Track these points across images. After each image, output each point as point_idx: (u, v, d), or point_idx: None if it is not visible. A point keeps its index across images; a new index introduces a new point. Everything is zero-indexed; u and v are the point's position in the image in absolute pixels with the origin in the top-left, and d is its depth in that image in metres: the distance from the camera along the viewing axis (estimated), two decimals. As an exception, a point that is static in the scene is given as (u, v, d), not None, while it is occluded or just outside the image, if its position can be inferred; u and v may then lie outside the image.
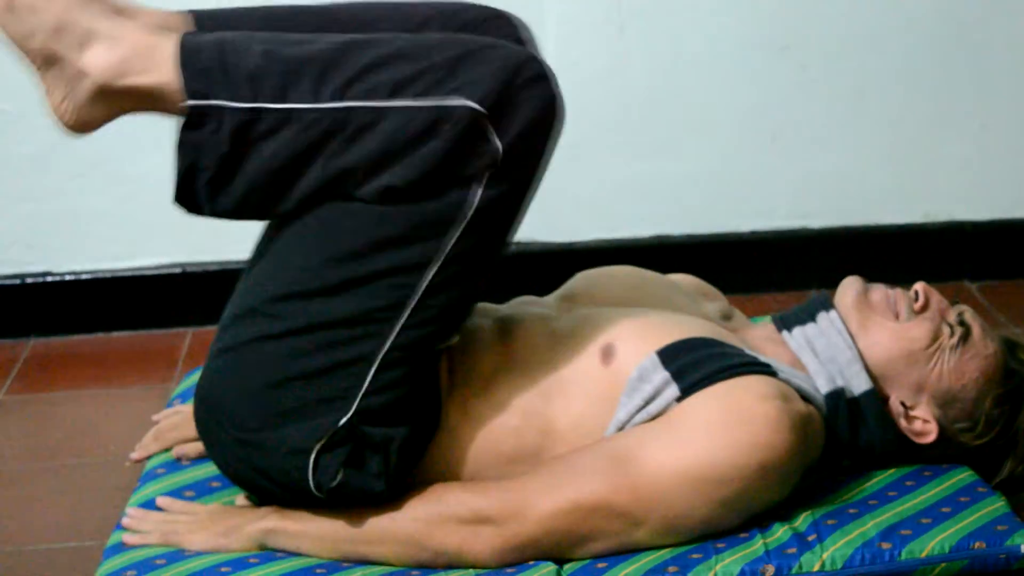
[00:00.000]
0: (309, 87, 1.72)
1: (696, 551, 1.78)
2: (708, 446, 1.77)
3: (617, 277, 2.12)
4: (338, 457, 1.78)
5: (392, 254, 1.75)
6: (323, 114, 1.72)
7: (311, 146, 1.73)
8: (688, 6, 2.70)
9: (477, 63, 1.72)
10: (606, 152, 2.75)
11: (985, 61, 2.76)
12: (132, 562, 1.84)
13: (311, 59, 1.74)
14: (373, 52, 1.74)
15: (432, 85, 1.71)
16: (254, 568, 1.81)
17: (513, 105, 1.71)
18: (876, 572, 1.75)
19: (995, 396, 1.93)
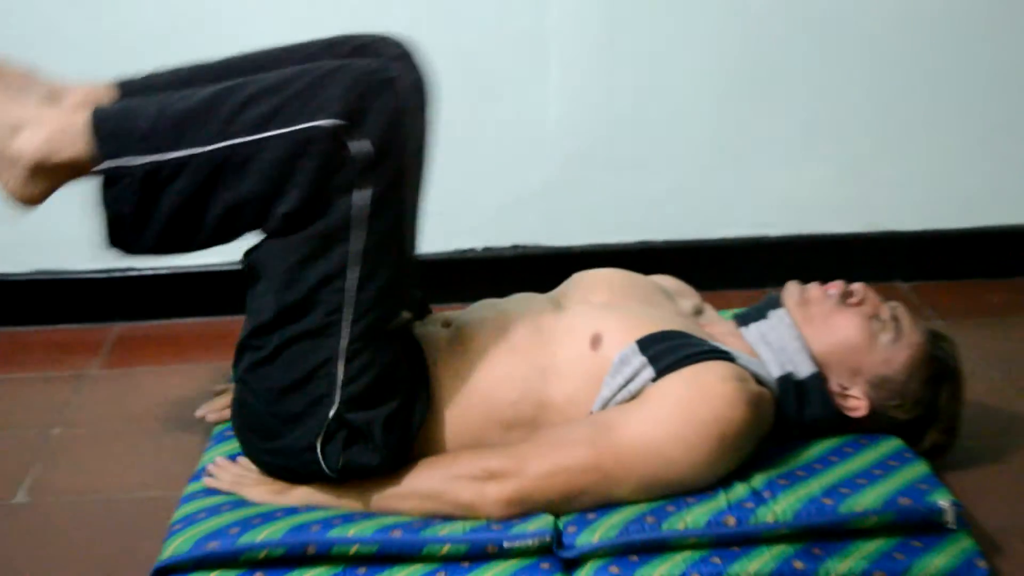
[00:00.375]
0: (195, 134, 1.73)
1: (671, 504, 1.80)
2: (677, 419, 1.79)
3: (606, 277, 2.11)
4: (337, 444, 1.80)
5: (314, 270, 1.76)
6: (210, 155, 1.73)
7: (206, 184, 1.74)
8: (669, 47, 2.69)
9: (329, 84, 1.72)
10: (599, 168, 2.74)
11: (915, 101, 2.75)
12: (203, 507, 1.86)
13: (195, 109, 1.75)
14: (244, 93, 1.74)
15: (295, 112, 1.71)
16: (303, 513, 1.83)
17: (365, 111, 1.71)
18: (820, 523, 1.76)
19: (921, 379, 1.94)
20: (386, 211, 1.75)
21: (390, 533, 1.76)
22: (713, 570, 1.73)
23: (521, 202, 2.77)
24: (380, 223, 1.74)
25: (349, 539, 1.75)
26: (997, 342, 2.54)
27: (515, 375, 1.89)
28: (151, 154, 1.72)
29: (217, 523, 1.80)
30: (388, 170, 1.73)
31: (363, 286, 1.77)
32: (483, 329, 1.94)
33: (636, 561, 1.74)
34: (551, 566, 1.74)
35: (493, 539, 1.75)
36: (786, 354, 1.94)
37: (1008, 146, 2.80)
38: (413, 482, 1.84)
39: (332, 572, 1.74)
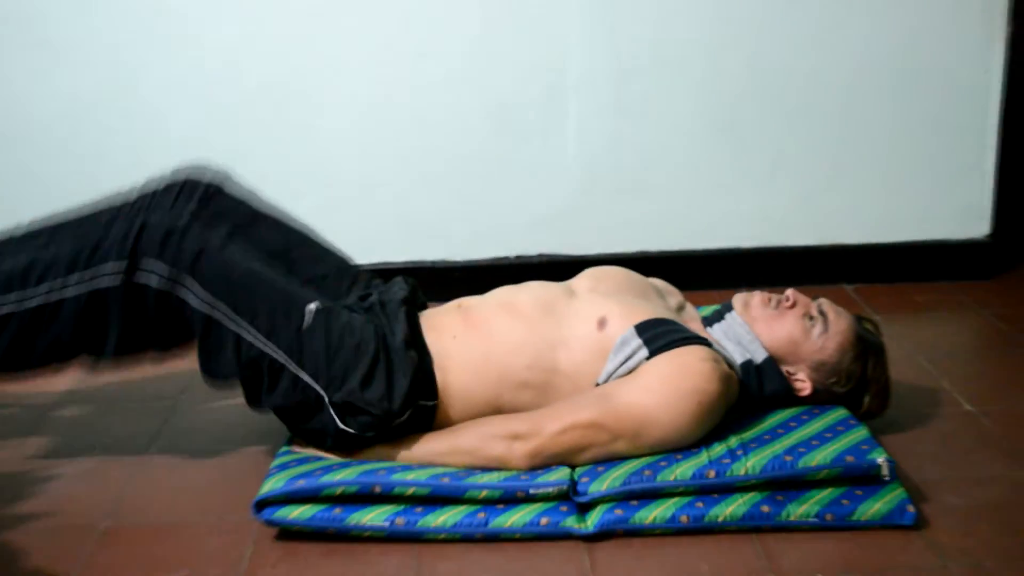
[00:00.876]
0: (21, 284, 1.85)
1: (664, 460, 1.81)
2: (664, 389, 1.80)
3: (612, 273, 2.11)
4: (351, 418, 1.84)
5: (225, 357, 1.88)
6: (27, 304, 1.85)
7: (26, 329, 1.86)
8: (663, 98, 2.70)
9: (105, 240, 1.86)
10: (607, 193, 2.75)
11: (856, 142, 2.75)
12: (295, 457, 1.88)
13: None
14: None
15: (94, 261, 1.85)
16: (372, 463, 1.84)
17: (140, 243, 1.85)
18: (782, 475, 1.76)
19: (851, 358, 1.94)
20: (220, 278, 1.84)
21: (440, 479, 1.77)
22: (698, 512, 1.73)
23: (545, 220, 2.77)
24: (225, 287, 1.84)
25: (407, 482, 1.76)
26: (922, 333, 2.53)
27: (527, 344, 1.89)
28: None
29: (305, 468, 1.82)
30: (190, 261, 1.83)
31: (257, 324, 1.83)
32: (499, 308, 1.95)
33: (636, 505, 1.75)
34: (568, 508, 1.75)
35: (521, 487, 1.76)
36: (743, 344, 1.94)
37: (929, 179, 2.79)
38: (455, 441, 1.85)
39: (395, 510, 1.75)
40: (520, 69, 2.65)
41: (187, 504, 1.89)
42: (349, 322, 1.87)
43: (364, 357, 1.83)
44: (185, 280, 1.83)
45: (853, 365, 1.94)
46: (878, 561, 1.66)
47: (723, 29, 2.66)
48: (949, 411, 2.13)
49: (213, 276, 1.83)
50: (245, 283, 1.85)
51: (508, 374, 1.88)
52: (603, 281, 2.06)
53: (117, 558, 1.74)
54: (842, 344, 1.94)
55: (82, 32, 2.58)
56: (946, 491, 1.83)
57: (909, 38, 2.68)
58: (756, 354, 1.93)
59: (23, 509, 1.87)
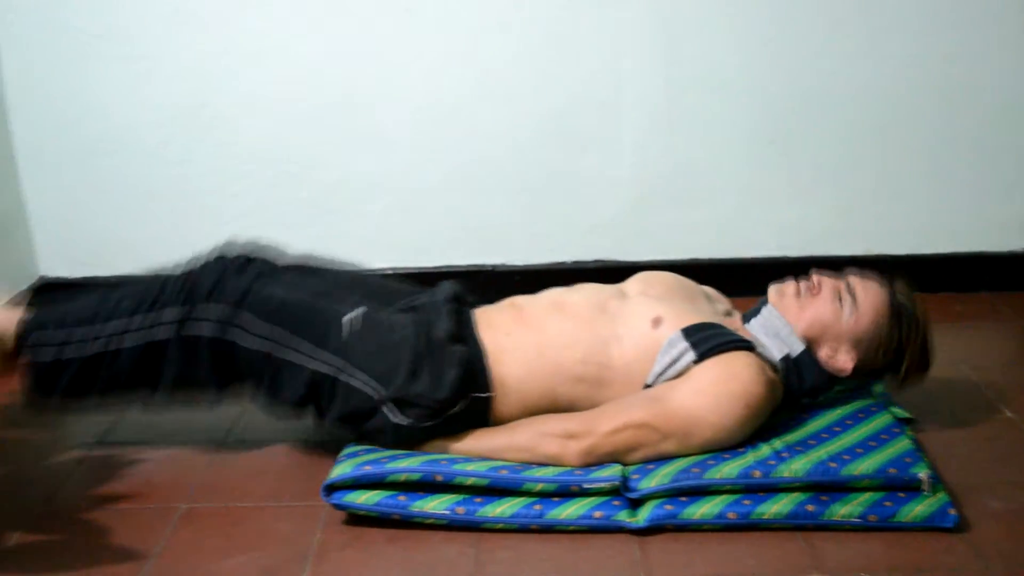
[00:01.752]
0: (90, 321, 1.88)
1: (710, 459, 1.78)
2: (713, 391, 1.77)
3: (663, 277, 2.09)
4: (405, 413, 1.81)
5: (286, 376, 1.87)
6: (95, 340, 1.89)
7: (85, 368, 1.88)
8: (712, 114, 2.66)
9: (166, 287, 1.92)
10: (659, 203, 2.72)
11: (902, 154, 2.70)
12: (362, 447, 1.86)
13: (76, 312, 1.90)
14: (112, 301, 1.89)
15: (155, 306, 1.88)
16: (449, 465, 1.81)
17: (194, 287, 1.90)
18: (824, 481, 1.72)
19: (887, 327, 1.89)
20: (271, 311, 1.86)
21: (498, 471, 1.75)
22: (744, 510, 1.69)
23: (601, 227, 2.75)
24: (277, 316, 1.85)
25: (468, 472, 1.74)
26: (963, 341, 2.46)
27: (580, 340, 1.86)
28: (58, 346, 1.87)
29: (372, 456, 1.80)
30: (241, 298, 1.85)
31: (311, 339, 1.84)
32: (551, 306, 1.93)
33: (685, 501, 1.71)
34: (620, 503, 1.72)
35: (575, 481, 1.73)
36: (780, 337, 1.89)
37: (969, 193, 2.73)
38: (512, 437, 1.82)
39: (455, 500, 1.74)
40: (578, 84, 2.64)
41: (260, 489, 1.88)
42: (390, 322, 1.86)
43: (407, 353, 1.82)
44: (238, 317, 1.85)
45: (890, 334, 1.89)
46: (921, 562, 1.61)
47: (770, 48, 2.62)
48: (990, 417, 2.06)
49: (262, 306, 1.85)
50: (293, 306, 1.86)
51: (562, 368, 1.86)
52: (654, 285, 2.03)
53: (194, 539, 1.74)
54: (875, 318, 1.88)
55: (171, 48, 2.60)
56: (988, 495, 1.78)
57: (951, 56, 2.63)
58: (794, 346, 1.88)
59: (109, 491, 1.89)
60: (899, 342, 1.90)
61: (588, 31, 2.61)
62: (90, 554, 1.71)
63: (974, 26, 2.61)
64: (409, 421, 1.81)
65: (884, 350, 1.90)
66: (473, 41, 2.61)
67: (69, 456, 2.02)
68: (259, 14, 2.59)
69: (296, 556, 1.68)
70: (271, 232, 2.73)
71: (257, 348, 1.85)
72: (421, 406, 1.80)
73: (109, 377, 1.87)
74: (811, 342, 1.90)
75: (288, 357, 1.84)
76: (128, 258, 2.76)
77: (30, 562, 1.69)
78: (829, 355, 1.90)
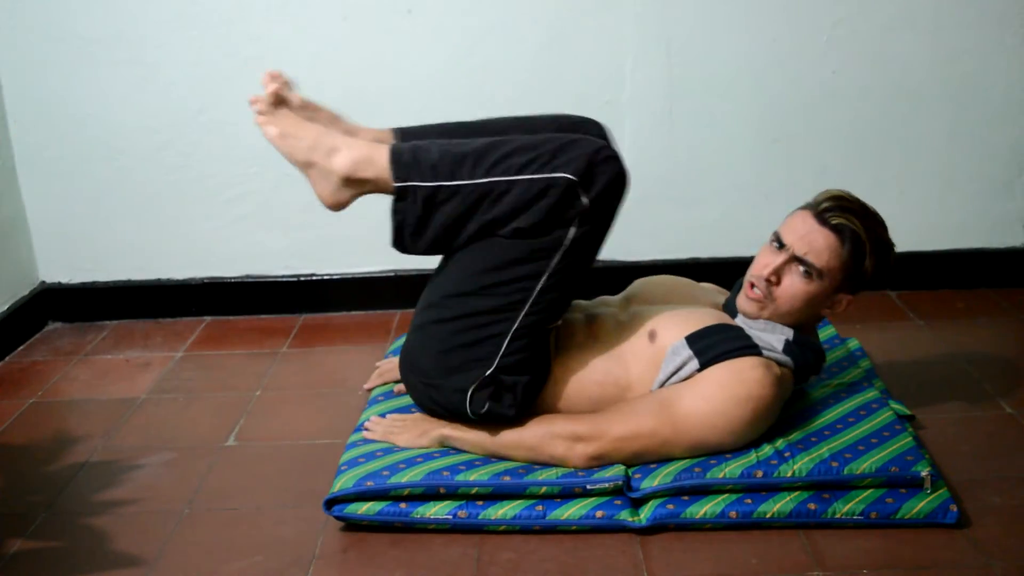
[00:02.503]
0: (468, 170, 1.75)
1: (713, 459, 1.78)
2: (721, 396, 1.76)
3: (659, 283, 2.08)
4: (484, 395, 1.79)
5: (517, 268, 1.76)
6: (477, 186, 1.74)
7: (470, 207, 1.75)
8: (713, 114, 2.66)
9: (571, 150, 1.73)
10: (661, 203, 2.71)
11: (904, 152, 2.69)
12: (363, 452, 1.86)
13: (467, 153, 1.76)
14: (506, 147, 1.76)
15: (543, 165, 1.72)
16: (436, 459, 1.82)
17: (595, 175, 1.72)
18: (826, 480, 1.72)
19: (849, 251, 1.84)
20: (582, 248, 1.76)
21: (501, 478, 1.75)
22: (746, 508, 1.69)
23: (601, 228, 2.74)
24: (574, 254, 1.76)
25: (470, 482, 1.75)
26: (963, 337, 2.46)
27: (597, 362, 1.86)
28: (432, 181, 1.75)
29: (373, 467, 1.80)
30: (595, 221, 1.75)
31: (543, 293, 1.77)
32: (577, 326, 1.93)
33: (687, 500, 1.72)
34: (623, 503, 1.73)
35: (579, 483, 1.74)
36: (768, 327, 1.87)
37: (969, 190, 2.72)
38: (520, 436, 1.82)
39: (457, 504, 1.74)
40: (580, 84, 2.64)
41: (262, 493, 1.88)
42: (547, 343, 1.85)
43: (533, 372, 1.82)
44: (578, 224, 1.74)
45: (853, 253, 1.83)
46: (922, 558, 1.61)
47: (771, 48, 2.62)
48: (991, 413, 2.06)
49: (585, 245, 1.76)
50: (583, 268, 1.80)
51: (581, 389, 1.86)
52: (651, 291, 2.04)
53: (196, 543, 1.74)
54: (835, 256, 1.83)
55: (169, 53, 2.60)
56: (988, 491, 1.78)
57: (953, 55, 2.62)
58: (784, 330, 1.87)
59: (111, 496, 1.89)
60: (863, 248, 1.84)
61: (589, 31, 2.60)
62: (91, 559, 1.71)
63: (975, 25, 2.60)
64: (481, 406, 1.79)
65: (854, 265, 1.84)
66: (474, 42, 2.61)
67: (70, 461, 2.02)
68: (257, 18, 2.59)
69: (298, 560, 1.68)
70: (270, 236, 2.75)
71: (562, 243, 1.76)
72: (505, 409, 1.80)
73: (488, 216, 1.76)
74: (802, 324, 1.88)
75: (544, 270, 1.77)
76: (128, 263, 2.78)
77: (31, 568, 1.69)
78: (830, 310, 1.89)
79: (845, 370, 2.10)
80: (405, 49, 2.62)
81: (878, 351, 2.33)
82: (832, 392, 2.00)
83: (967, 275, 2.77)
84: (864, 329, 2.47)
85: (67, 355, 2.57)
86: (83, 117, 2.64)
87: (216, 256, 2.77)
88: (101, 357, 2.56)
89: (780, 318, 1.87)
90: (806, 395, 1.99)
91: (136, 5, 2.57)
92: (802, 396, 1.98)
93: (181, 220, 2.73)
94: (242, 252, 2.76)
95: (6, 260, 2.66)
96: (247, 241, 2.76)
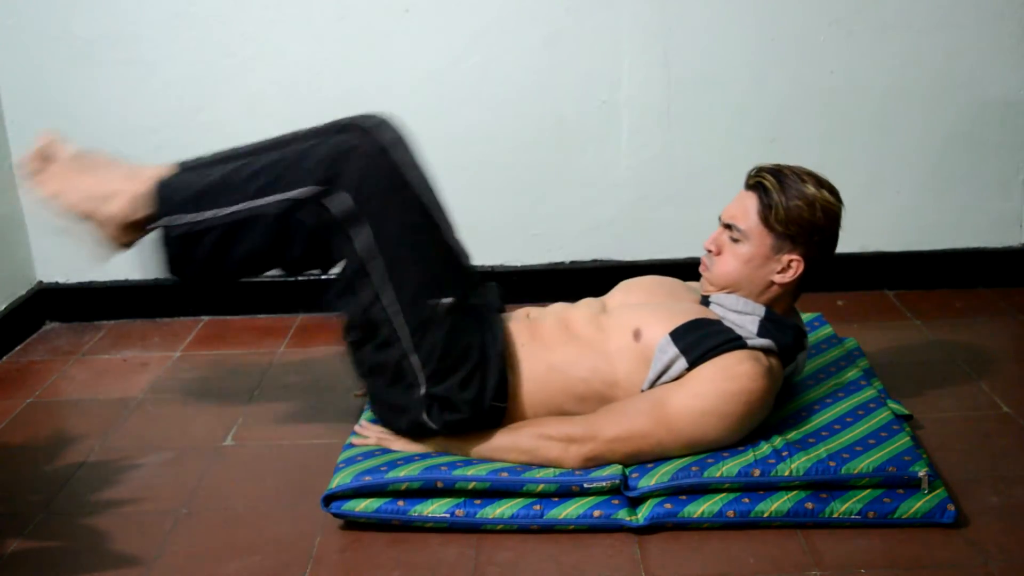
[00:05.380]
0: (217, 200, 1.79)
1: (710, 458, 1.78)
2: (713, 393, 1.77)
3: (642, 283, 2.07)
4: (436, 412, 1.81)
5: (354, 303, 1.80)
6: (227, 216, 1.79)
7: (227, 236, 1.80)
8: (709, 115, 2.67)
9: (305, 159, 1.76)
10: (656, 203, 2.72)
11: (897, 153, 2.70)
12: (361, 451, 1.87)
13: (216, 182, 1.81)
14: (248, 170, 1.81)
15: (284, 183, 1.77)
16: (434, 457, 1.83)
17: (337, 174, 1.73)
18: (824, 480, 1.72)
19: (778, 217, 1.85)
20: (391, 237, 1.75)
21: (499, 474, 1.76)
22: (744, 508, 1.70)
23: (599, 227, 2.75)
24: (391, 247, 1.75)
25: (468, 477, 1.75)
26: (961, 337, 2.46)
27: (582, 359, 1.86)
28: (190, 214, 1.79)
29: (371, 463, 1.80)
30: (376, 209, 1.74)
31: (400, 295, 1.77)
32: (557, 324, 1.92)
33: (685, 499, 1.72)
34: (620, 502, 1.73)
35: (576, 481, 1.74)
36: (740, 308, 1.88)
37: (966, 190, 2.73)
38: (514, 439, 1.82)
39: (455, 502, 1.74)
40: (577, 85, 2.64)
41: (260, 493, 1.89)
42: (464, 324, 1.82)
43: (469, 360, 1.81)
44: (361, 223, 1.75)
45: (785, 210, 1.84)
46: (919, 558, 1.62)
47: (769, 47, 2.62)
48: (988, 413, 2.07)
49: (386, 231, 1.76)
50: (413, 246, 1.79)
51: (568, 386, 1.86)
52: (633, 292, 2.03)
53: (194, 543, 1.74)
54: (754, 212, 1.86)
55: (167, 52, 2.60)
56: (986, 490, 1.78)
57: (947, 56, 2.63)
58: (756, 309, 1.87)
59: (108, 496, 1.89)
60: (786, 205, 1.84)
61: (588, 31, 2.61)
62: (89, 559, 1.71)
63: (971, 24, 2.61)
64: (435, 425, 1.81)
65: (790, 222, 1.84)
66: (472, 41, 2.61)
67: (67, 461, 2.02)
68: (255, 17, 2.59)
69: (296, 559, 1.68)
70: (268, 235, 2.75)
71: (362, 260, 1.76)
72: (459, 412, 1.80)
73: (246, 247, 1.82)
74: (766, 288, 1.87)
75: (377, 291, 1.77)
76: (125, 264, 2.77)
77: (29, 568, 1.69)
78: (781, 276, 1.87)
79: (843, 370, 2.10)
80: (403, 49, 2.62)
81: (876, 351, 2.34)
82: (830, 392, 2.01)
83: (965, 275, 2.78)
84: (862, 329, 2.48)
85: (64, 355, 2.57)
86: (80, 116, 2.64)
87: (214, 256, 2.77)
88: (99, 357, 2.56)
89: (731, 288, 1.88)
90: (804, 394, 2.00)
91: (134, 5, 2.57)
92: (800, 395, 1.99)
93: (179, 220, 2.73)
94: (240, 252, 2.76)
95: (3, 260, 2.66)
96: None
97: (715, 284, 1.92)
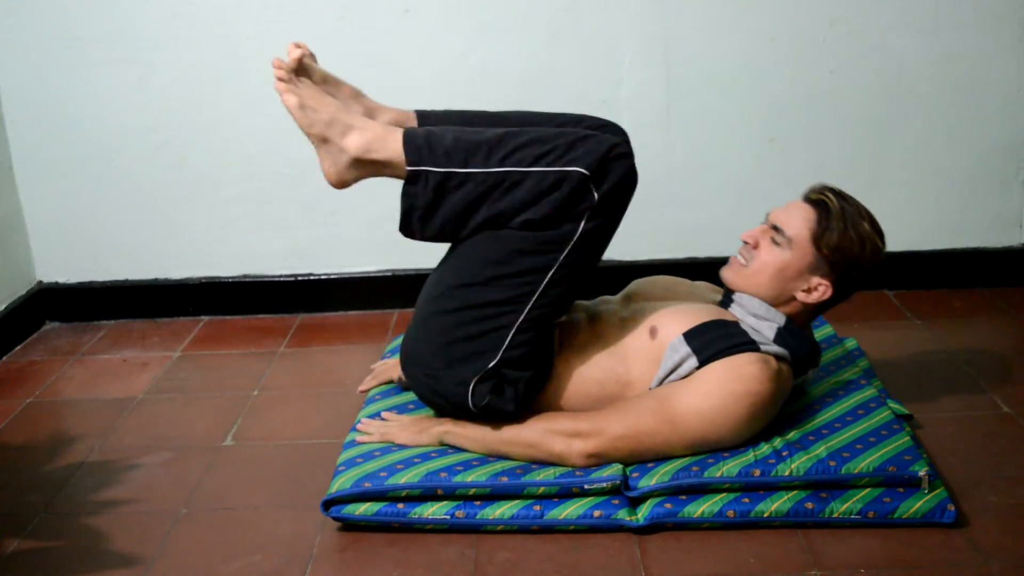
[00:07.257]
0: (481, 158, 1.74)
1: (711, 458, 1.77)
2: (720, 394, 1.76)
3: (658, 281, 2.08)
4: (486, 387, 1.79)
5: (526, 261, 1.75)
6: (489, 175, 1.74)
7: (482, 195, 1.75)
8: (710, 114, 2.67)
9: (585, 145, 1.73)
10: (659, 203, 2.71)
11: (896, 155, 2.70)
12: (360, 452, 1.86)
13: (482, 142, 1.76)
14: (521, 138, 1.76)
15: (557, 158, 1.72)
16: (433, 459, 1.82)
17: (607, 172, 1.72)
18: (824, 479, 1.72)
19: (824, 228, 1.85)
20: (591, 243, 1.76)
21: (499, 479, 1.75)
22: (744, 508, 1.69)
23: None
24: (582, 249, 1.75)
25: (468, 483, 1.74)
26: (961, 337, 2.46)
27: (599, 358, 1.86)
28: (444, 167, 1.75)
29: (370, 467, 1.80)
30: (604, 216, 1.74)
31: (552, 287, 1.77)
32: (579, 324, 1.93)
33: (685, 499, 1.72)
34: (620, 502, 1.73)
35: (576, 483, 1.74)
36: (763, 315, 1.87)
37: (966, 190, 2.73)
38: (519, 431, 1.82)
39: (454, 504, 1.74)
40: (578, 83, 2.64)
41: (259, 493, 1.88)
42: (549, 338, 1.84)
43: (536, 368, 1.82)
44: (594, 215, 1.74)
45: (840, 237, 1.84)
46: (919, 558, 1.61)
47: (769, 47, 2.62)
48: (988, 413, 2.06)
49: (590, 240, 1.76)
50: (589, 260, 1.79)
51: (582, 386, 1.86)
52: (650, 289, 2.03)
53: (193, 543, 1.74)
54: (807, 226, 1.85)
55: (167, 52, 2.60)
56: (985, 490, 1.78)
57: (949, 56, 2.63)
58: (776, 317, 1.87)
59: (108, 496, 1.89)
60: (842, 233, 1.84)
61: (587, 31, 2.61)
62: (89, 559, 1.71)
63: (972, 25, 2.61)
64: (482, 400, 1.79)
65: (839, 249, 1.84)
66: (471, 42, 2.61)
67: (67, 461, 2.02)
68: (255, 17, 2.59)
69: (296, 559, 1.67)
70: (268, 235, 2.75)
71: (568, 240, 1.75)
72: (503, 400, 1.79)
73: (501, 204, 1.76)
74: (783, 303, 1.87)
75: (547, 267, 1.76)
76: (125, 263, 2.78)
77: (29, 568, 1.69)
78: (805, 295, 1.87)
79: (843, 369, 2.10)
80: (402, 49, 2.62)
81: (876, 350, 2.33)
82: (830, 391, 2.00)
83: (964, 274, 2.77)
84: (862, 328, 2.48)
85: (64, 355, 2.57)
86: (80, 116, 2.65)
87: (214, 256, 2.77)
88: (98, 357, 2.56)
89: (755, 288, 1.88)
90: (804, 394, 1.99)
91: (133, 5, 2.57)
92: (800, 395, 1.98)
93: (179, 220, 2.73)
94: (239, 252, 2.76)
95: (3, 260, 2.66)
96: (245, 241, 2.76)
97: (746, 279, 1.89)
